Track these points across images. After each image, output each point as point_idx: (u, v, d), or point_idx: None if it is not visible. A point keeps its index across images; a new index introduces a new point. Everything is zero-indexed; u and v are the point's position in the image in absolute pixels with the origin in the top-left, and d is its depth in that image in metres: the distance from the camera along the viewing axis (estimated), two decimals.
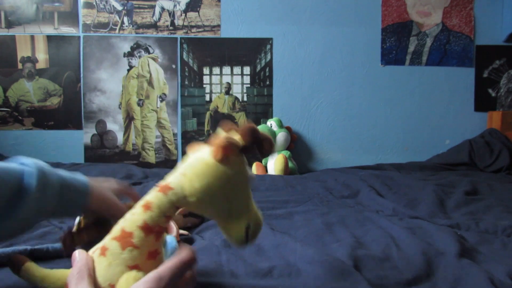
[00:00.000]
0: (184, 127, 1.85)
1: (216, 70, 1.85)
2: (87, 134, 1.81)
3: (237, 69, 1.86)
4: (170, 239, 0.50)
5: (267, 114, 1.87)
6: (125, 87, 1.82)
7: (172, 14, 1.83)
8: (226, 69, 1.86)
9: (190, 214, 0.74)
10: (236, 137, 0.38)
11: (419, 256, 0.58)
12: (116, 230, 0.38)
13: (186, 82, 1.85)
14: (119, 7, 1.82)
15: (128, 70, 1.82)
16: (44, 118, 1.80)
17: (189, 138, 1.84)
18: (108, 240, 0.37)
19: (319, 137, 1.88)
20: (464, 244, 0.62)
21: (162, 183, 0.39)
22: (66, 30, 1.80)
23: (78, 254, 0.36)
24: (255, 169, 1.66)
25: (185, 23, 1.84)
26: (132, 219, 0.37)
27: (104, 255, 0.36)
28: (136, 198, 0.55)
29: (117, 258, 0.36)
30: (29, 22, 1.78)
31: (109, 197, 0.48)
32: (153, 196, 0.38)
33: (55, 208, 0.43)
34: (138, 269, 0.36)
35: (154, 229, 0.37)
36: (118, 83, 1.82)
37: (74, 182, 0.46)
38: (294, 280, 0.49)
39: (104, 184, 0.50)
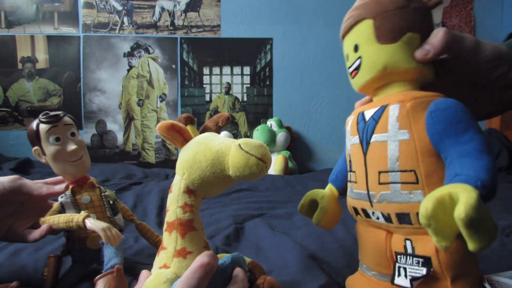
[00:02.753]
0: None
1: (216, 70, 1.85)
2: (87, 134, 1.81)
3: (237, 69, 1.86)
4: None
5: (267, 114, 1.87)
6: (125, 87, 1.82)
7: (172, 14, 1.83)
8: (226, 69, 1.86)
9: None
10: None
11: None
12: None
13: (186, 82, 1.85)
14: (119, 7, 1.82)
15: (128, 70, 1.82)
16: None
17: None
18: None
19: (319, 137, 1.88)
20: None
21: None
22: (66, 30, 1.80)
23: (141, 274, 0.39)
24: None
25: (185, 23, 1.84)
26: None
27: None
28: (31, 191, 0.50)
29: (155, 265, 0.37)
30: (29, 22, 1.78)
31: None
32: (168, 198, 0.39)
33: None
34: (165, 268, 0.36)
35: (174, 225, 0.37)
36: (118, 83, 1.82)
37: None
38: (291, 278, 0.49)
39: None
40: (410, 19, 0.37)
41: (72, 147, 0.49)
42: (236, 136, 1.85)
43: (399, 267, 0.36)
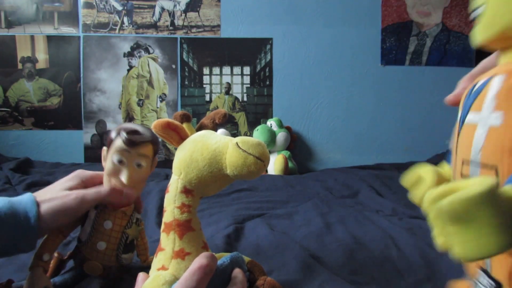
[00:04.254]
0: None
1: (216, 70, 1.85)
2: (87, 134, 1.81)
3: (237, 69, 1.86)
4: None
5: (267, 114, 1.87)
6: (125, 87, 1.82)
7: (172, 14, 1.83)
8: (226, 69, 1.86)
9: None
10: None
11: (419, 258, 0.58)
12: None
13: (186, 82, 1.85)
14: (119, 7, 1.82)
15: (128, 70, 1.82)
16: (44, 118, 1.80)
17: None
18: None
19: (319, 137, 1.88)
20: None
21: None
22: (66, 30, 1.80)
23: (139, 276, 0.38)
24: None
25: (185, 23, 1.84)
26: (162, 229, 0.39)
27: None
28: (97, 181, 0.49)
29: (153, 267, 0.37)
30: (29, 22, 1.78)
31: (59, 206, 0.42)
32: (165, 198, 0.39)
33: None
34: (163, 269, 0.36)
35: (172, 225, 0.37)
36: (118, 83, 1.82)
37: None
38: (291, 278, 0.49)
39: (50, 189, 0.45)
40: None
41: (122, 178, 0.44)
42: (235, 136, 1.85)
43: (475, 283, 0.31)
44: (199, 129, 0.44)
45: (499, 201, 0.20)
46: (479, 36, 0.30)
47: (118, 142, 0.45)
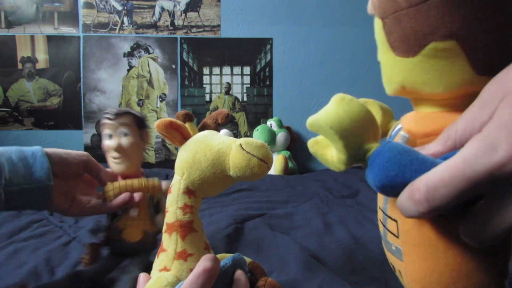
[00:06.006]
0: None
1: (216, 70, 1.85)
2: (87, 134, 1.81)
3: (237, 69, 1.86)
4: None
5: (267, 114, 1.87)
6: (125, 87, 1.82)
7: (172, 14, 1.83)
8: (226, 69, 1.86)
9: None
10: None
11: None
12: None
13: (186, 82, 1.85)
14: (119, 7, 1.82)
15: (128, 70, 1.82)
16: (44, 118, 1.80)
17: None
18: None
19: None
20: None
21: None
22: (66, 30, 1.80)
23: (140, 277, 0.38)
24: None
25: (185, 23, 1.84)
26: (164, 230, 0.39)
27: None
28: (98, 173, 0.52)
29: (155, 267, 0.37)
30: (29, 22, 1.78)
31: (66, 155, 0.48)
32: (168, 198, 0.39)
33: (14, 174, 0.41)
34: (165, 271, 0.36)
35: (174, 226, 0.37)
36: (118, 83, 1.82)
37: (25, 149, 0.45)
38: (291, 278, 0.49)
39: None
40: (434, 20, 0.23)
41: (111, 144, 0.50)
42: (236, 136, 1.85)
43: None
44: (202, 129, 0.44)
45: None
46: (386, 90, 0.33)
47: (104, 121, 0.51)
